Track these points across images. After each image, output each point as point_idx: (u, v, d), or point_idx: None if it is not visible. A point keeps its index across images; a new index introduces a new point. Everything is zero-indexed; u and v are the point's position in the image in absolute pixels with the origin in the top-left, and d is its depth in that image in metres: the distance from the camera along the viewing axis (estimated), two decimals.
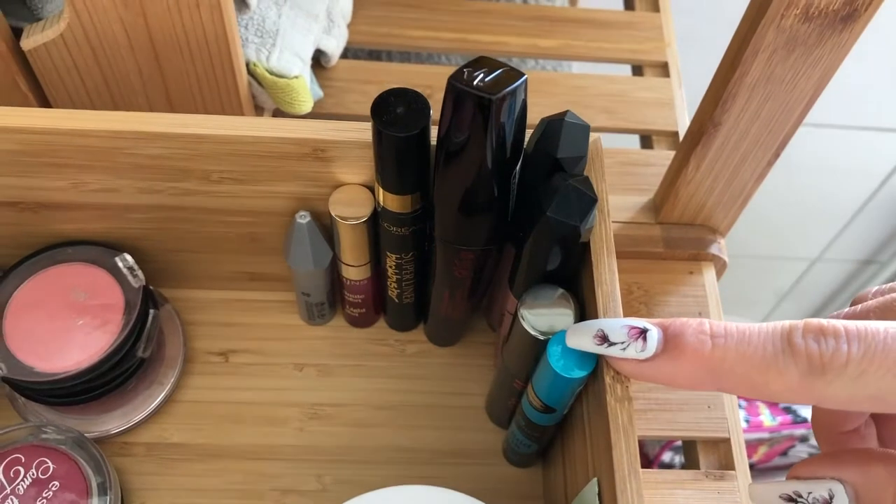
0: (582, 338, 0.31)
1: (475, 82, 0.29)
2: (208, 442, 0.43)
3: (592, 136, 0.35)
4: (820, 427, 0.31)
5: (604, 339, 0.30)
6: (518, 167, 0.34)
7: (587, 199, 0.32)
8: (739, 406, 0.93)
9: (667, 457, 0.91)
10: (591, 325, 0.31)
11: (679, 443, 0.85)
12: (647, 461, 0.92)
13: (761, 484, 0.29)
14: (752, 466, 0.97)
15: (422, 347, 0.47)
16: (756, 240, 1.15)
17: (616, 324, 0.30)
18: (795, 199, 1.13)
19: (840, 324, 0.25)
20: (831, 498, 0.27)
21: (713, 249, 0.50)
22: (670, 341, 0.28)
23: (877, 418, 0.31)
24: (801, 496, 0.27)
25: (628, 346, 0.29)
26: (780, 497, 0.28)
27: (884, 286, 0.29)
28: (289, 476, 0.43)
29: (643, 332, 0.29)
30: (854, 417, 0.31)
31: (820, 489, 0.27)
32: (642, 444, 0.93)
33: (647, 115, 0.57)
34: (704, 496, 0.44)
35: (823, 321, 0.25)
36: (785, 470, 0.98)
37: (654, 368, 0.29)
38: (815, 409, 0.31)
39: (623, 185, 0.53)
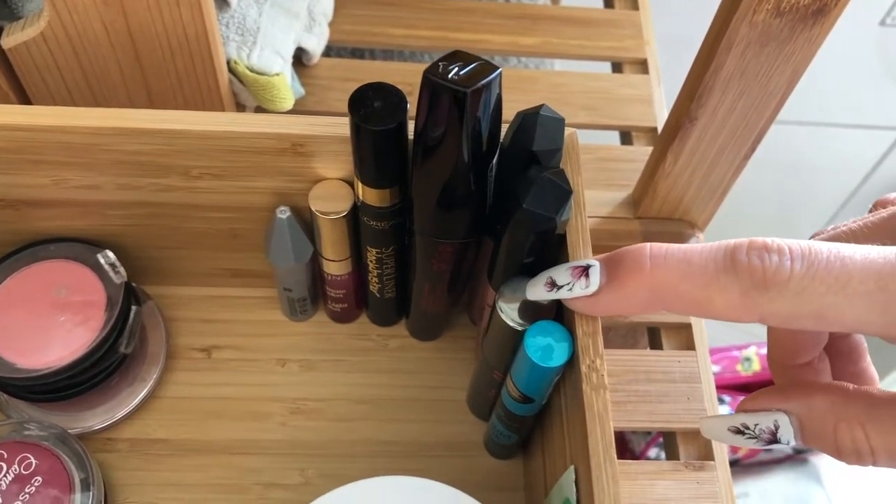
0: (536, 289, 0.32)
1: (450, 76, 0.29)
2: (192, 437, 0.44)
3: (567, 129, 0.35)
4: (774, 360, 0.32)
5: (553, 284, 0.31)
6: (495, 160, 0.34)
7: (562, 192, 0.32)
8: (722, 401, 0.93)
9: (652, 452, 0.92)
10: (542, 275, 0.32)
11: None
12: (633, 457, 0.93)
13: (711, 418, 0.29)
14: (736, 461, 0.98)
15: (404, 342, 0.47)
16: (737, 237, 1.16)
17: (561, 267, 0.31)
18: (778, 197, 1.14)
19: (784, 242, 0.25)
20: (777, 429, 0.27)
21: (691, 243, 0.51)
22: (612, 271, 0.29)
23: (830, 353, 0.32)
24: (748, 428, 0.28)
25: (573, 285, 0.30)
26: (729, 429, 0.28)
27: (839, 224, 0.30)
28: (272, 470, 0.43)
29: (586, 269, 0.29)
30: (806, 350, 0.31)
31: (766, 420, 0.27)
32: (628, 441, 0.93)
33: (626, 111, 0.57)
34: (684, 486, 0.45)
35: (768, 239, 0.25)
36: (770, 465, 0.98)
37: (603, 302, 0.29)
38: (769, 344, 0.32)
39: (603, 181, 0.54)
